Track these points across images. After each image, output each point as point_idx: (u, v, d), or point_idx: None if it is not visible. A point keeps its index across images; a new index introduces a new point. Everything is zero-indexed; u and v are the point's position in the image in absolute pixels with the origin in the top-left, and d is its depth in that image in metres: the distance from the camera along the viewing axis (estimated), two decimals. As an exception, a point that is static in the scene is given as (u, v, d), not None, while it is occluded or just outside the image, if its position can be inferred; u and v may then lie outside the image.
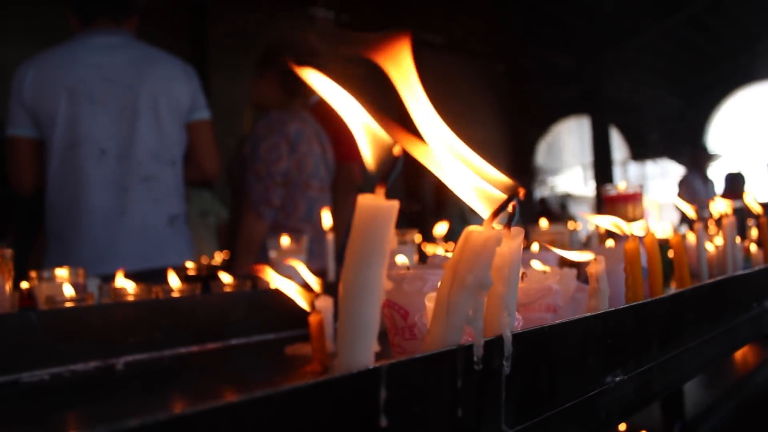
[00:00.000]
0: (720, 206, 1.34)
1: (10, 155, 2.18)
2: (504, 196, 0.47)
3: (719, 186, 5.96)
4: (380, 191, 0.40)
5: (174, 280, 1.31)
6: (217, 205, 4.00)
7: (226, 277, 1.41)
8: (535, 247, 1.30)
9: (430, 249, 2.13)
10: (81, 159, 2.12)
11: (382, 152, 0.42)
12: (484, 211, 0.48)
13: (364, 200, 0.40)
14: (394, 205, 0.40)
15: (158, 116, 2.21)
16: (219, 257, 2.89)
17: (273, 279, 0.86)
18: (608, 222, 0.85)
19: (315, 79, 0.44)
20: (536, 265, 0.86)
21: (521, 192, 0.46)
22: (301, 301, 0.84)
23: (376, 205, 0.40)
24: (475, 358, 0.45)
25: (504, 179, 0.49)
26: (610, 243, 1.59)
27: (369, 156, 0.43)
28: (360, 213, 0.40)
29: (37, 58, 2.16)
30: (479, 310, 0.45)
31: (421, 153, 0.47)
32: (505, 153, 11.10)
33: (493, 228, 0.46)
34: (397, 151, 0.41)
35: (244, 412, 0.33)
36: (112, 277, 1.60)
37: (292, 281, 0.85)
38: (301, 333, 1.19)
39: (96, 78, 2.14)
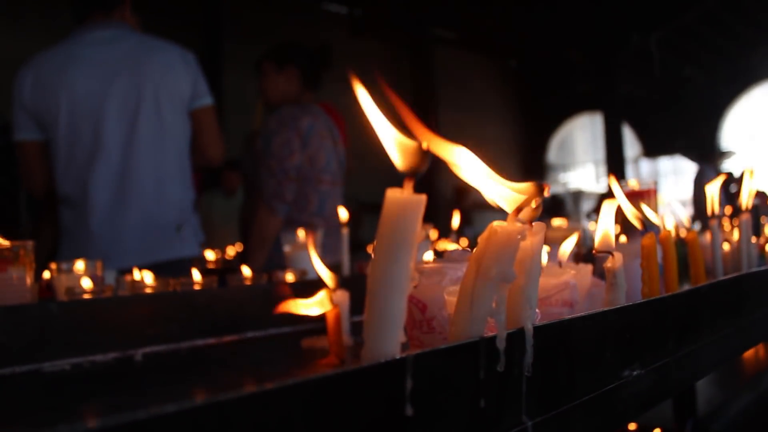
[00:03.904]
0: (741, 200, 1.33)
1: (20, 160, 2.22)
2: (528, 192, 0.47)
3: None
4: (408, 185, 0.41)
5: (195, 275, 1.32)
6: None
7: (246, 270, 1.43)
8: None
9: (441, 245, 2.13)
10: (84, 156, 2.13)
11: (409, 146, 0.42)
12: (508, 207, 0.48)
13: (392, 194, 0.41)
14: (422, 199, 0.41)
15: (159, 107, 2.19)
16: (232, 250, 2.90)
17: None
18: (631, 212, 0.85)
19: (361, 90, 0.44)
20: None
21: (546, 189, 0.47)
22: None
23: (405, 199, 0.41)
24: (498, 350, 0.46)
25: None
26: (622, 239, 1.59)
27: (395, 151, 0.43)
28: (388, 206, 0.41)
29: (35, 60, 2.16)
30: (502, 303, 0.46)
31: (443, 151, 0.47)
32: (516, 149, 11.08)
33: (516, 223, 0.47)
34: (425, 145, 0.41)
35: (277, 399, 0.34)
36: (120, 272, 1.62)
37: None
38: (317, 326, 1.20)
39: (93, 74, 2.13)
